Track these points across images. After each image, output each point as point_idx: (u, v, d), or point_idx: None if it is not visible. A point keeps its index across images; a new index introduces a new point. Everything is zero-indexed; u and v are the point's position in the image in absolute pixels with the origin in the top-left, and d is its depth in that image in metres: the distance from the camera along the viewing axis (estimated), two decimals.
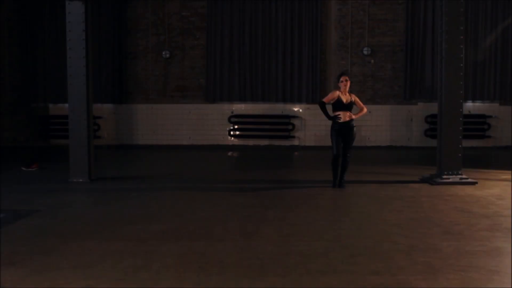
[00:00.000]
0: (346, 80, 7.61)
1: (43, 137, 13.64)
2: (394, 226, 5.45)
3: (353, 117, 7.64)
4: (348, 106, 7.63)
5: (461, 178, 7.95)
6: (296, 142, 13.28)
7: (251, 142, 13.36)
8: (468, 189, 7.52)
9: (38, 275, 3.99)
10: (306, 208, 6.38)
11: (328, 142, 13.11)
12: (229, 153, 12.57)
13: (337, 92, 7.61)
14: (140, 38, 13.44)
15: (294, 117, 13.17)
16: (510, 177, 8.50)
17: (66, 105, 8.81)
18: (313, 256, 4.44)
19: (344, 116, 7.58)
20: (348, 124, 7.62)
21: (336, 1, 13.08)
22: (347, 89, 7.65)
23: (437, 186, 7.76)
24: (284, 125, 13.21)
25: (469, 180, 7.98)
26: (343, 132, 7.61)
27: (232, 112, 13.33)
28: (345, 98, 7.62)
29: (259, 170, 9.77)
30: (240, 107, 13.34)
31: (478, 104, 13.07)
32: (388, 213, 5.99)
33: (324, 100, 7.71)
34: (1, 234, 5.13)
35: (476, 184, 7.87)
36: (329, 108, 7.64)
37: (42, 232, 5.28)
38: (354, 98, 7.77)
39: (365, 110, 7.87)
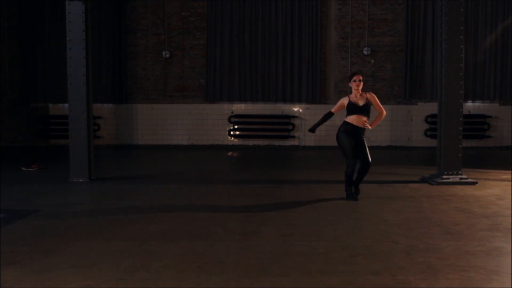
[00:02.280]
0: (360, 81, 6.67)
1: (43, 137, 13.65)
2: (394, 226, 5.45)
3: (369, 126, 6.68)
4: (364, 109, 6.68)
5: (461, 178, 7.95)
6: (296, 142, 13.28)
7: (251, 142, 13.36)
8: (468, 189, 7.52)
9: (38, 275, 3.99)
10: (306, 208, 6.38)
11: (328, 142, 13.26)
12: (229, 153, 12.57)
13: (346, 99, 6.77)
14: (140, 38, 13.45)
15: (294, 117, 13.18)
16: (510, 177, 8.51)
17: (66, 105, 8.81)
18: (313, 256, 4.44)
19: (358, 120, 6.66)
20: (360, 129, 6.70)
21: (336, 1, 13.08)
22: (360, 90, 6.70)
23: (437, 186, 7.76)
24: (284, 125, 13.21)
25: (469, 180, 7.98)
26: (352, 135, 6.66)
27: (232, 112, 13.33)
28: (359, 100, 6.71)
29: (259, 170, 9.77)
30: (240, 107, 13.34)
31: (478, 104, 13.07)
32: (388, 213, 5.99)
33: (333, 110, 6.91)
34: (1, 234, 5.13)
35: (476, 184, 7.87)
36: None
37: (42, 232, 5.28)
38: (371, 97, 6.75)
39: (384, 113, 6.84)
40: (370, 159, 6.65)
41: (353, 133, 6.65)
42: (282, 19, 13.03)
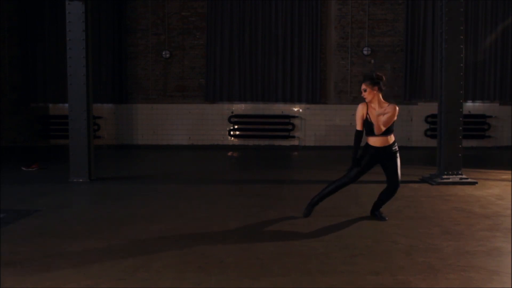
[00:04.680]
0: (364, 91, 5.44)
1: (43, 137, 13.64)
2: (394, 226, 5.46)
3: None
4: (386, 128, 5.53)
5: (461, 178, 7.95)
6: (296, 142, 13.28)
7: (251, 142, 13.36)
8: (468, 189, 7.52)
9: (38, 275, 3.99)
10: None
11: (328, 142, 13.26)
12: (229, 153, 12.57)
13: (364, 108, 5.51)
14: (140, 38, 13.44)
15: (294, 117, 13.17)
16: (510, 177, 8.50)
17: (66, 105, 8.81)
18: (313, 256, 4.44)
19: (381, 141, 5.55)
20: (386, 150, 5.58)
21: (336, 1, 13.08)
22: (371, 99, 5.46)
23: (437, 186, 7.76)
24: (284, 125, 13.21)
25: (469, 180, 7.98)
26: (378, 158, 5.65)
27: (232, 112, 13.33)
28: (376, 113, 5.46)
29: (259, 170, 9.77)
30: (240, 107, 13.34)
31: (478, 104, 13.07)
32: (388, 213, 5.99)
33: (356, 126, 5.58)
34: (1, 234, 5.13)
35: (476, 184, 7.87)
36: None
37: (42, 232, 5.28)
38: (387, 110, 5.40)
39: (382, 129, 5.49)
40: (399, 179, 5.73)
41: (378, 156, 5.61)
42: (282, 19, 13.02)
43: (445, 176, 7.97)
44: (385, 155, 5.61)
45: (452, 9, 7.91)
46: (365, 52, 12.99)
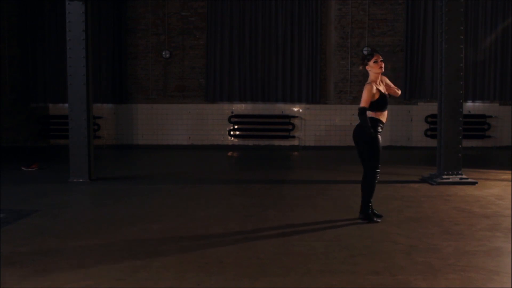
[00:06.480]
0: (382, 61, 5.38)
1: (43, 137, 13.64)
2: (394, 226, 5.46)
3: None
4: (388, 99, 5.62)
5: (461, 178, 7.95)
6: (296, 142, 13.28)
7: (251, 142, 13.35)
8: (468, 189, 7.52)
9: (38, 275, 4.00)
10: (306, 208, 6.38)
11: (328, 142, 13.26)
12: (229, 153, 12.57)
13: (374, 87, 5.37)
14: (140, 38, 13.44)
15: (294, 117, 13.17)
16: (510, 177, 8.50)
17: (66, 105, 8.81)
18: (313, 256, 4.44)
19: (386, 115, 5.57)
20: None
21: (336, 1, 13.07)
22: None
23: (437, 186, 7.76)
24: (284, 125, 13.21)
25: (469, 180, 7.98)
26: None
27: (232, 112, 13.32)
28: (383, 88, 5.49)
29: (259, 170, 9.77)
30: (240, 107, 13.34)
31: (478, 104, 13.06)
32: (388, 213, 5.99)
33: (364, 104, 5.31)
34: (1, 234, 5.13)
35: (476, 184, 7.87)
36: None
37: (42, 232, 5.28)
38: (388, 82, 5.66)
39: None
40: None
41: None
42: (282, 19, 13.02)
43: (445, 176, 7.96)
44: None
45: (452, 9, 7.91)
46: (365, 52, 12.98)
